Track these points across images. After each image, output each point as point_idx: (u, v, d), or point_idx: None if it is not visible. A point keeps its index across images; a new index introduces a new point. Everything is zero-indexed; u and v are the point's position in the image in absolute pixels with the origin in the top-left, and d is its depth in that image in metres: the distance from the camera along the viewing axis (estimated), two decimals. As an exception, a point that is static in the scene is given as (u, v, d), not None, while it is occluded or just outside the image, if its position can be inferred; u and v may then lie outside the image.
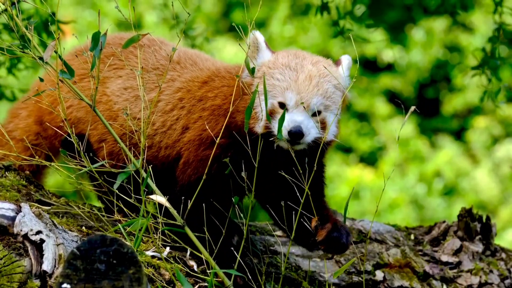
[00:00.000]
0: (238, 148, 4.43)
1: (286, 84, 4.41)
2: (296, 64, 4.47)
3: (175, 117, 4.67)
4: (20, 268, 3.93)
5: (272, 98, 4.41)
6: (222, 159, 4.44)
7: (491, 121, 13.03)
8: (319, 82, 4.43)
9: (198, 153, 4.54)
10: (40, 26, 5.91)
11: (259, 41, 4.52)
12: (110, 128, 4.32)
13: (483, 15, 12.46)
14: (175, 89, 4.72)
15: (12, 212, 4.14)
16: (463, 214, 5.47)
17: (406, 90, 13.28)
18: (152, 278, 4.24)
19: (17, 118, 5.19)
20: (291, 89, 4.39)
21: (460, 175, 12.54)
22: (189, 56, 4.86)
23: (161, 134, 4.68)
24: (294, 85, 4.40)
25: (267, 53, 4.54)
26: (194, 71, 4.78)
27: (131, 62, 4.81)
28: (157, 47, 4.85)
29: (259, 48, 4.53)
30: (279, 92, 4.41)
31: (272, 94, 4.41)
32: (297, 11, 12.80)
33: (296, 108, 4.38)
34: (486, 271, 5.30)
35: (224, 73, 4.68)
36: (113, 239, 3.53)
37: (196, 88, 4.69)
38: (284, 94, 4.40)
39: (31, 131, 5.04)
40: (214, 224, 4.41)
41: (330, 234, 4.44)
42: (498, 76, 6.09)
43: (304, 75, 4.42)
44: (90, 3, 11.97)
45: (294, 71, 4.44)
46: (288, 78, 4.42)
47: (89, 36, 4.18)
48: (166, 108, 4.69)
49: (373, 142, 12.88)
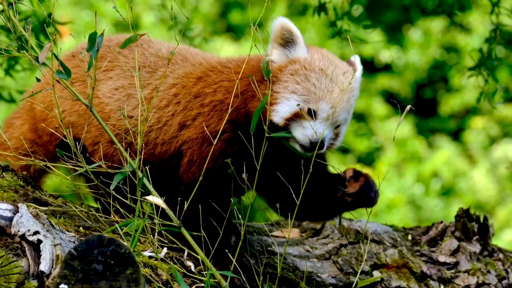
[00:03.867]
0: (243, 142, 4.42)
1: (322, 94, 4.39)
2: (331, 72, 4.44)
3: (171, 112, 4.66)
4: (17, 269, 3.93)
5: (303, 103, 4.39)
6: (227, 153, 4.44)
7: (489, 121, 13.04)
8: (348, 98, 4.46)
9: (202, 150, 4.53)
10: (37, 27, 5.91)
11: (296, 33, 4.47)
12: (106, 128, 4.32)
13: (481, 16, 12.47)
14: (168, 85, 4.71)
15: (9, 213, 4.13)
16: (460, 214, 5.47)
17: (403, 91, 13.29)
18: (149, 279, 4.24)
19: (12, 128, 5.18)
20: (326, 100, 4.39)
21: (457, 176, 12.55)
22: (178, 52, 4.83)
23: (157, 131, 4.67)
24: (329, 97, 4.39)
25: (304, 49, 4.50)
26: (186, 67, 4.76)
27: (120, 63, 4.80)
28: (145, 45, 4.83)
29: (295, 42, 4.47)
30: (313, 99, 4.38)
31: (305, 99, 4.39)
32: (295, 11, 12.81)
33: (325, 121, 4.39)
34: (484, 272, 5.30)
35: (220, 68, 4.66)
36: (111, 240, 3.53)
37: (191, 84, 4.67)
38: (319, 104, 4.38)
39: (26, 139, 5.01)
40: (213, 224, 4.40)
41: (364, 188, 4.46)
42: (495, 77, 6.10)
43: (338, 88, 4.40)
44: (88, 4, 11.96)
45: (330, 82, 4.42)
46: (325, 88, 4.40)
47: (86, 37, 4.18)
48: (161, 104, 4.68)
49: (370, 143, 12.89)
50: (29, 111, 5.08)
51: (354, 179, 4.49)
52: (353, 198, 4.48)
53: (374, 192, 4.49)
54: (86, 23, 11.42)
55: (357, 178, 4.50)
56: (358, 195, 4.47)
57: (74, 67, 4.68)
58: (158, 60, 4.77)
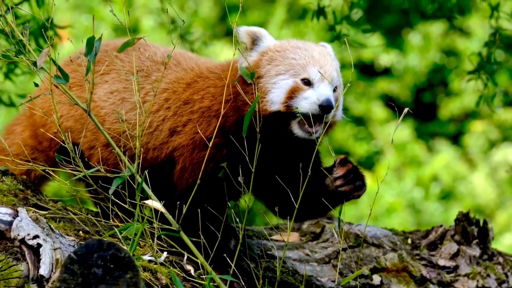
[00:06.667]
0: (232, 147, 4.43)
1: (305, 61, 4.42)
2: (303, 44, 4.50)
3: (161, 117, 4.66)
4: (17, 273, 3.93)
5: (292, 77, 4.40)
6: (217, 158, 4.45)
7: (488, 125, 13.05)
8: (332, 59, 4.49)
9: (193, 156, 4.54)
10: (37, 31, 5.91)
11: (258, 30, 4.54)
12: (104, 133, 4.32)
13: (480, 20, 12.48)
14: (160, 90, 4.70)
15: (9, 217, 4.14)
16: (460, 218, 5.48)
17: (403, 95, 13.29)
18: (149, 283, 4.24)
19: (12, 134, 5.18)
20: (313, 64, 4.41)
21: (457, 179, 12.55)
22: (174, 56, 4.83)
23: (148, 135, 4.67)
24: (313, 60, 4.42)
25: (270, 38, 4.55)
26: (178, 72, 4.77)
27: (116, 66, 4.81)
28: (142, 49, 4.84)
29: (260, 36, 4.53)
30: (300, 70, 4.41)
31: (292, 73, 4.41)
32: (294, 15, 12.82)
33: (322, 83, 4.39)
34: (483, 275, 5.30)
35: (207, 74, 4.67)
36: (110, 244, 3.53)
37: (181, 90, 4.68)
38: (307, 70, 4.40)
39: (27, 146, 5.01)
40: (211, 229, 4.40)
41: (350, 172, 4.45)
42: (494, 81, 6.11)
43: (317, 52, 4.45)
44: (87, 8, 11.97)
45: (306, 50, 4.46)
46: (305, 56, 4.43)
47: (85, 41, 4.18)
48: (152, 109, 4.67)
49: (370, 147, 12.89)
50: (29, 118, 5.08)
51: (341, 164, 4.49)
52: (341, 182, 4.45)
53: (363, 178, 4.47)
54: (86, 27, 11.42)
55: (344, 164, 4.50)
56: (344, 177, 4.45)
57: (72, 72, 4.68)
58: (153, 65, 4.78)
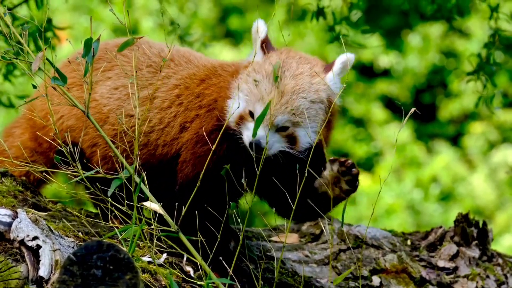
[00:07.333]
0: (233, 142, 4.44)
1: (259, 97, 4.40)
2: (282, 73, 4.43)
3: (173, 114, 4.68)
4: (16, 274, 3.92)
5: (245, 103, 4.42)
6: (218, 153, 4.45)
7: (488, 126, 13.05)
8: (289, 100, 4.39)
9: (196, 150, 4.55)
10: (35, 33, 5.91)
11: (254, 37, 4.54)
12: (103, 134, 4.30)
13: (479, 21, 12.48)
14: (171, 86, 4.73)
15: (8, 218, 4.13)
16: (459, 219, 5.47)
17: (402, 96, 13.29)
18: (148, 284, 4.24)
19: (12, 137, 5.18)
20: (261, 102, 4.39)
21: (456, 181, 12.55)
22: (182, 54, 4.87)
23: (158, 132, 4.68)
24: (265, 99, 4.38)
25: (259, 54, 4.54)
26: (190, 68, 4.79)
27: (119, 62, 4.81)
28: (146, 46, 4.85)
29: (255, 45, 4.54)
30: (251, 101, 4.41)
31: (247, 100, 4.43)
32: (294, 16, 12.82)
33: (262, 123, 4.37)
34: (483, 277, 5.30)
35: (220, 71, 4.70)
36: (110, 245, 3.53)
37: (195, 85, 4.70)
38: (255, 106, 4.40)
39: (27, 148, 5.01)
40: (211, 230, 4.40)
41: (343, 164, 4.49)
42: (493, 82, 6.10)
43: (278, 90, 4.40)
44: (87, 9, 11.97)
45: (271, 84, 4.41)
46: (264, 90, 4.41)
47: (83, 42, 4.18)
48: (163, 105, 4.69)
49: (369, 148, 12.89)
50: (29, 120, 5.08)
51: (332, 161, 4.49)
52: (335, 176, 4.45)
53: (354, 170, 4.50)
54: (85, 28, 11.41)
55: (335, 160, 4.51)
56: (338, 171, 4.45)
57: (71, 72, 4.68)
58: (161, 61, 4.78)
